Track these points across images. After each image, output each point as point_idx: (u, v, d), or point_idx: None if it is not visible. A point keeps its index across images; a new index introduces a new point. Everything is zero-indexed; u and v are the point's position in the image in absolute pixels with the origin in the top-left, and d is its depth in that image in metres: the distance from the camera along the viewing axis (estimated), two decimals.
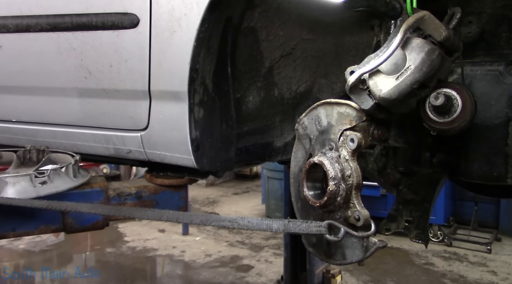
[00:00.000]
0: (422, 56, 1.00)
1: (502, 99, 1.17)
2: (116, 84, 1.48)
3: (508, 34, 1.22)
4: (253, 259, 4.83)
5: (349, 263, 1.09)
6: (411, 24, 1.02)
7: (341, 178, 1.06)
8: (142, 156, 1.50)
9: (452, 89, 1.05)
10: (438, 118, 1.06)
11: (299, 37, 1.57)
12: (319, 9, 1.46)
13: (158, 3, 1.33)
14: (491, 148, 1.20)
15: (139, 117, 1.47)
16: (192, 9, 1.25)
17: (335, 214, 1.08)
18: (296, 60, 1.62)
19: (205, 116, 1.37)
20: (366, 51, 1.51)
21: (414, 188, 1.40)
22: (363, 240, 1.03)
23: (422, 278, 4.28)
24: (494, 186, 1.47)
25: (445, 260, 4.70)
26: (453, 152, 1.29)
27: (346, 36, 1.62)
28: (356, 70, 1.08)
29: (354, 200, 1.06)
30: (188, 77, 1.29)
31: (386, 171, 1.43)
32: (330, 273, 3.30)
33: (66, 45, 1.53)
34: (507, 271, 4.40)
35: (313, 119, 1.19)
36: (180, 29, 1.28)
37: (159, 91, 1.40)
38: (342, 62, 1.65)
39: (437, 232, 5.14)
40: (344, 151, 1.08)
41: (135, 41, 1.39)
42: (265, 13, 1.45)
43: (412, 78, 1.01)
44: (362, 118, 1.09)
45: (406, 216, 1.42)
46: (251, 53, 1.50)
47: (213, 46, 1.32)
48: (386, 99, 1.03)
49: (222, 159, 1.46)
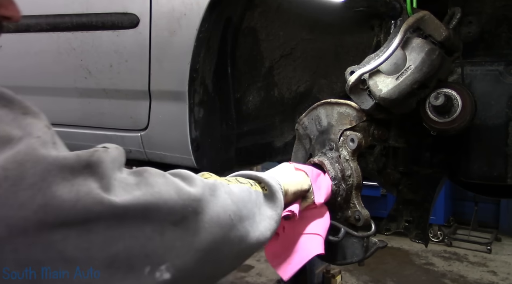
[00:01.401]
0: (422, 56, 1.00)
1: (502, 99, 1.17)
2: (116, 84, 1.48)
3: (508, 34, 1.22)
4: (253, 259, 4.82)
5: (349, 263, 1.09)
6: (411, 24, 1.02)
7: (341, 178, 1.06)
8: (142, 156, 1.50)
9: (452, 89, 1.05)
10: (438, 118, 1.06)
11: (299, 37, 1.57)
12: (319, 9, 1.46)
13: (158, 3, 1.33)
14: (491, 148, 1.20)
15: (139, 117, 1.47)
16: (192, 9, 1.25)
17: (335, 214, 1.08)
18: (296, 60, 1.62)
19: (205, 116, 1.37)
20: (366, 51, 1.51)
21: (414, 188, 1.40)
22: (363, 240, 1.03)
23: (422, 278, 4.28)
24: (494, 186, 1.47)
25: (445, 260, 4.70)
26: (453, 152, 1.29)
27: (346, 36, 1.62)
28: (356, 70, 1.09)
29: (354, 200, 1.06)
30: (188, 77, 1.29)
31: (386, 171, 1.43)
32: (330, 273, 3.30)
33: (66, 45, 1.53)
34: (507, 271, 4.40)
35: (313, 119, 1.19)
36: (180, 29, 1.28)
37: (159, 91, 1.40)
38: (342, 62, 1.64)
39: (437, 232, 5.14)
40: (344, 151, 1.08)
41: (135, 41, 1.39)
42: (265, 13, 1.45)
43: (412, 78, 1.01)
44: (362, 118, 1.09)
45: (406, 216, 1.42)
46: (251, 53, 1.50)
47: (213, 46, 1.32)
48: (386, 99, 1.03)
49: (222, 159, 1.46)
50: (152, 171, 0.62)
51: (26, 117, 0.56)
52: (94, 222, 0.51)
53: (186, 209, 0.61)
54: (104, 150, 0.58)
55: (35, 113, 0.58)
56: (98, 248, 0.51)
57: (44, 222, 0.48)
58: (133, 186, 0.57)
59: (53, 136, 0.58)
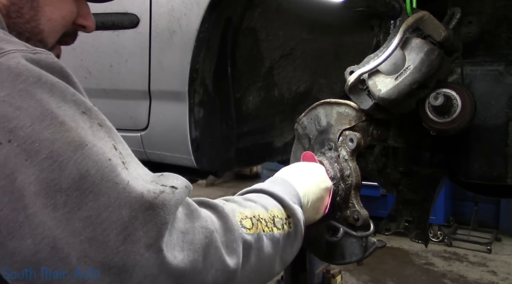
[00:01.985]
0: (421, 56, 1.00)
1: (502, 99, 1.17)
2: (116, 84, 1.48)
3: (508, 34, 1.22)
4: None
5: (348, 263, 1.09)
6: (410, 24, 1.02)
7: (340, 178, 1.06)
8: (142, 156, 1.50)
9: (451, 89, 1.05)
10: (438, 118, 1.06)
11: (299, 37, 1.57)
12: (319, 9, 1.46)
13: (158, 3, 1.33)
14: (491, 148, 1.20)
15: (139, 117, 1.47)
16: (192, 9, 1.25)
17: (334, 214, 1.08)
18: (296, 60, 1.62)
19: (205, 116, 1.37)
20: (365, 51, 1.51)
21: (414, 188, 1.40)
22: (362, 240, 1.03)
23: (422, 278, 4.28)
24: (494, 186, 1.47)
25: (445, 260, 4.70)
26: (453, 152, 1.29)
27: (346, 36, 1.62)
28: (356, 70, 1.09)
29: (353, 200, 1.06)
30: (188, 77, 1.29)
31: (386, 171, 1.43)
32: (330, 273, 3.30)
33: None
34: (507, 271, 4.40)
35: (312, 119, 1.19)
36: (180, 29, 1.28)
37: (159, 91, 1.40)
38: (342, 62, 1.64)
39: (437, 232, 5.14)
40: (343, 151, 1.08)
41: (135, 41, 1.39)
42: (265, 13, 1.45)
43: (411, 78, 1.01)
44: (361, 118, 1.09)
45: (406, 216, 1.41)
46: (251, 53, 1.50)
47: (213, 46, 1.32)
48: (386, 99, 1.03)
49: (222, 159, 1.46)
50: (203, 219, 0.61)
51: (100, 129, 0.56)
52: (130, 272, 0.49)
53: (221, 279, 0.62)
54: (171, 191, 0.56)
55: (109, 127, 0.58)
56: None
57: (85, 256, 0.48)
58: (179, 243, 0.56)
59: (122, 152, 0.57)
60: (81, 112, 0.54)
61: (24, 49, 0.55)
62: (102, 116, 0.58)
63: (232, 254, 0.64)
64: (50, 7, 0.73)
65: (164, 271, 0.52)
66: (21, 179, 0.47)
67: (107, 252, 0.48)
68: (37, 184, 0.47)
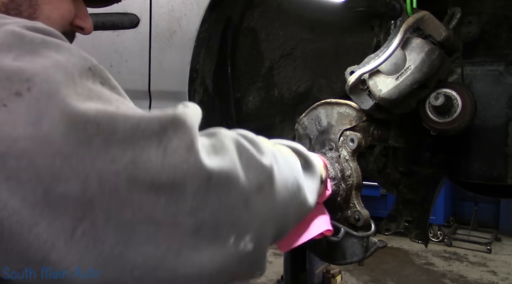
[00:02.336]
0: (422, 56, 1.00)
1: (502, 99, 1.17)
2: None
3: (508, 34, 1.22)
4: None
5: (349, 263, 1.09)
6: (411, 24, 1.02)
7: (341, 178, 1.06)
8: None
9: (452, 89, 1.05)
10: (438, 118, 1.06)
11: (299, 37, 1.57)
12: (319, 9, 1.46)
13: (158, 3, 1.33)
14: (491, 148, 1.20)
15: None
16: (192, 9, 1.25)
17: (335, 214, 1.08)
18: (296, 60, 1.62)
19: (205, 116, 1.37)
20: (366, 51, 1.51)
21: (414, 188, 1.40)
22: (363, 240, 1.03)
23: (422, 278, 4.28)
24: (494, 186, 1.47)
25: (445, 260, 4.70)
26: (453, 152, 1.29)
27: (346, 36, 1.62)
28: (356, 70, 1.09)
29: (354, 200, 1.06)
30: (188, 77, 1.29)
31: (386, 171, 1.43)
32: (330, 273, 3.30)
33: None
34: (507, 271, 4.40)
35: (313, 119, 1.19)
36: (180, 29, 1.28)
37: (159, 91, 1.40)
38: (342, 62, 1.64)
39: (437, 232, 5.14)
40: (344, 151, 1.08)
41: (135, 41, 1.40)
42: (265, 13, 1.45)
43: (412, 78, 1.01)
44: (362, 118, 1.09)
45: (406, 216, 1.42)
46: (251, 53, 1.50)
47: (213, 46, 1.32)
48: (386, 99, 1.03)
49: None
50: (223, 134, 0.61)
51: (102, 88, 0.56)
52: (182, 185, 0.48)
53: (262, 177, 0.60)
54: (186, 106, 0.57)
55: (112, 86, 0.59)
56: (185, 214, 0.49)
57: (134, 180, 0.46)
58: (211, 149, 0.55)
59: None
60: (87, 67, 0.55)
61: (22, 21, 0.57)
62: (106, 75, 0.58)
63: (262, 154, 0.64)
64: (49, 6, 0.73)
65: (209, 175, 0.51)
66: (48, 123, 0.47)
67: (153, 170, 0.47)
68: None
